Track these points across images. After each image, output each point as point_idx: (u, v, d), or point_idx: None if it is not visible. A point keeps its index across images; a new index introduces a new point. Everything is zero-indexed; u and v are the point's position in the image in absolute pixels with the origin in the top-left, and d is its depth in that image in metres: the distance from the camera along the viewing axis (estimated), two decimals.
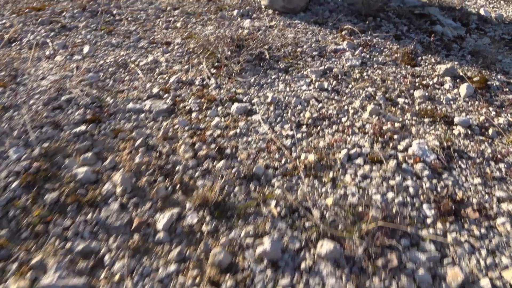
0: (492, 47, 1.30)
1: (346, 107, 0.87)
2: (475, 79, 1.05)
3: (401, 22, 1.38)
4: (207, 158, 0.70)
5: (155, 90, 0.88)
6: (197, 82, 0.92)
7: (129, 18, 1.22)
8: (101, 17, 1.20)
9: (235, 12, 1.28)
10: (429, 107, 0.91)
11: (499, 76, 1.08)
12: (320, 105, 0.87)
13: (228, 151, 0.72)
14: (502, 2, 1.79)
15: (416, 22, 1.40)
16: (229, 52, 1.01)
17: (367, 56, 1.11)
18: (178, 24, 1.19)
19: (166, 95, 0.86)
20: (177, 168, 0.67)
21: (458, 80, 1.04)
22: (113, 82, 0.89)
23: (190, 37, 1.12)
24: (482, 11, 1.60)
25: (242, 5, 1.36)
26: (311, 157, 0.71)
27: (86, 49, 1.02)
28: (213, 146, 0.73)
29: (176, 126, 0.77)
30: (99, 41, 1.07)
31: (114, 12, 1.25)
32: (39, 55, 0.98)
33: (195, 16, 1.25)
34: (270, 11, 1.32)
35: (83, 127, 0.74)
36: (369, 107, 0.87)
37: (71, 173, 0.65)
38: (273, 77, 0.96)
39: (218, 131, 0.77)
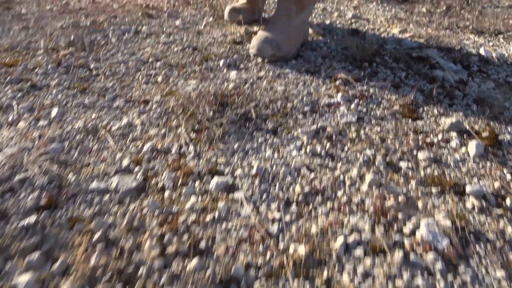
0: (497, 92, 1.21)
1: (342, 177, 0.77)
2: (484, 134, 0.95)
3: (399, 67, 1.30)
4: (177, 256, 0.58)
5: (125, 162, 0.78)
6: (173, 150, 0.82)
7: (107, 73, 1.13)
8: (76, 73, 1.11)
9: (221, 62, 1.20)
10: (435, 172, 0.81)
11: (509, 129, 0.98)
12: (313, 175, 0.77)
13: (203, 244, 0.61)
14: (501, 39, 1.72)
15: (415, 66, 1.32)
16: (211, 113, 0.92)
17: (364, 109, 1.01)
18: (159, 78, 1.11)
19: (137, 169, 0.76)
20: (140, 272, 0.56)
21: (465, 136, 0.94)
22: (78, 154, 0.79)
23: (170, 93, 1.03)
24: (482, 51, 1.52)
25: (230, 54, 1.28)
26: (302, 249, 0.60)
27: (54, 112, 0.93)
28: (185, 237, 0.62)
29: (145, 210, 0.66)
30: (70, 102, 0.98)
31: (92, 66, 1.17)
32: (0, 122, 0.88)
33: (178, 69, 1.16)
34: (259, 60, 1.24)
35: (33, 218, 0.63)
36: (368, 176, 0.77)
37: (10, 284, 0.53)
38: (259, 140, 0.86)
39: (193, 216, 0.66)
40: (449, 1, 2.38)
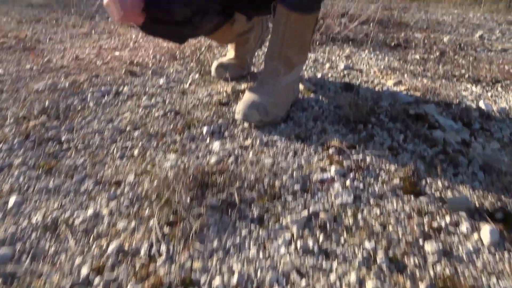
0: (503, 153, 1.12)
1: (338, 284, 0.66)
2: (497, 215, 0.84)
3: (396, 128, 1.21)
4: None
5: (84, 270, 0.66)
6: (143, 251, 0.70)
7: (79, 146, 1.04)
8: (44, 148, 1.02)
9: (204, 130, 1.11)
10: (447, 271, 0.69)
11: None
12: (304, 282, 0.65)
13: None
14: (499, 88, 1.66)
15: (413, 126, 1.23)
16: (189, 199, 0.81)
17: (361, 185, 0.91)
18: (136, 152, 1.01)
19: (97, 280, 0.64)
20: None
21: (476, 217, 0.84)
22: (30, 261, 0.68)
23: (146, 172, 0.93)
24: (482, 104, 1.45)
25: (214, 118, 1.20)
26: None
27: (12, 201, 0.82)
28: None
29: None
30: (32, 186, 0.88)
31: (63, 138, 1.07)
32: None
33: (157, 139, 1.07)
34: (246, 125, 1.16)
35: None
36: (370, 282, 0.65)
37: None
38: (243, 233, 0.75)
39: None
40: (442, 46, 2.35)
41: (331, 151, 1.04)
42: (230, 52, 1.58)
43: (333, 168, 0.96)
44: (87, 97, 1.34)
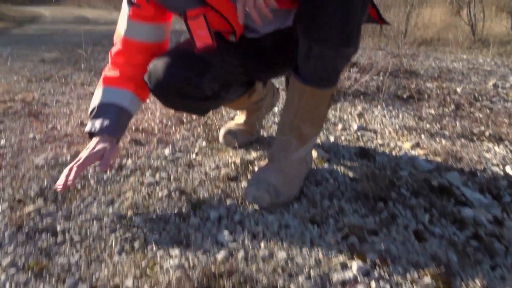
0: None
1: None
2: None
3: (420, 205, 1.11)
4: None
5: None
6: None
7: (75, 238, 0.96)
8: (37, 242, 0.94)
9: (211, 215, 1.03)
10: None
11: None
12: None
13: None
14: None
15: (438, 203, 1.13)
16: None
17: (388, 287, 0.80)
18: (136, 244, 0.92)
19: None
20: None
21: None
22: None
23: (146, 275, 0.83)
24: (509, 169, 1.35)
25: (223, 198, 1.11)
26: None
27: None
28: None
29: None
30: None
31: (59, 227, 0.99)
32: None
33: (159, 228, 0.98)
34: (256, 206, 1.07)
35: None
36: None
37: None
38: None
39: None
40: (456, 97, 2.28)
41: (351, 239, 0.94)
42: (239, 117, 1.53)
43: (354, 264, 0.85)
44: (88, 172, 1.27)
